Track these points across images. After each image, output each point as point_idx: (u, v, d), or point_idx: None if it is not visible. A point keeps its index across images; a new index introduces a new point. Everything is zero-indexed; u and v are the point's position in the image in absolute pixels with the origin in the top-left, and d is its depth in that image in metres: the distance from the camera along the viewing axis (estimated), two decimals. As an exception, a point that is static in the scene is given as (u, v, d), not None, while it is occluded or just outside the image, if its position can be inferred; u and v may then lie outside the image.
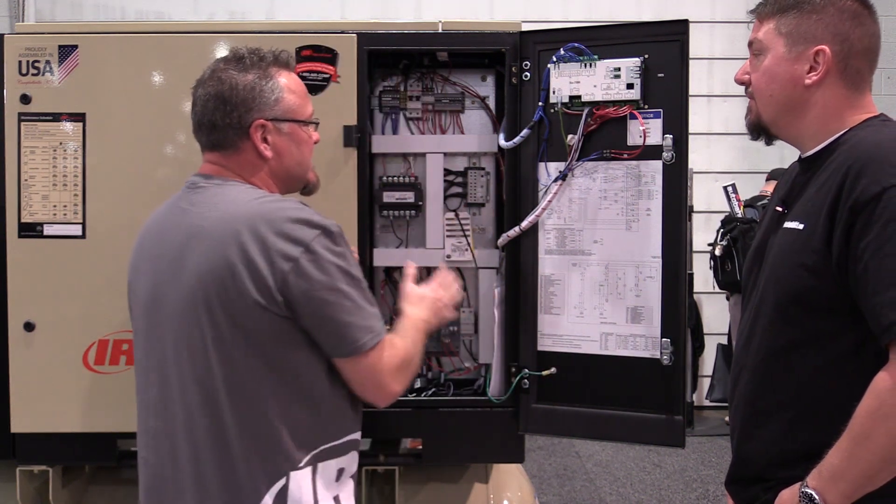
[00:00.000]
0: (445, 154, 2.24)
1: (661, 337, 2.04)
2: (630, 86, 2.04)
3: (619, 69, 2.05)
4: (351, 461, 1.67)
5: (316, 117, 1.77)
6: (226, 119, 1.63)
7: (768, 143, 1.68)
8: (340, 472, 1.64)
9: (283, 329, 1.54)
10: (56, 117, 2.07)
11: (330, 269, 1.55)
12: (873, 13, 1.58)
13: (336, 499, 1.63)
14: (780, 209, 1.64)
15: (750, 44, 1.64)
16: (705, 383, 6.38)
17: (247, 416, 1.54)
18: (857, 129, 1.54)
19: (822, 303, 1.48)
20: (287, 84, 1.69)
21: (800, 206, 1.56)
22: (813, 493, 1.42)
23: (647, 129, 2.03)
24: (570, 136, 2.09)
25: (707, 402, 6.32)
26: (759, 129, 1.65)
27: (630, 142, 2.06)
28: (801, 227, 1.51)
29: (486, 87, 2.27)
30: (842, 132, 1.55)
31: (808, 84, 1.56)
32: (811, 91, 1.56)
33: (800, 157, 1.66)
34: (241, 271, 1.51)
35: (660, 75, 2.03)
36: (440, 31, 2.18)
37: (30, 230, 2.08)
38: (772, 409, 1.57)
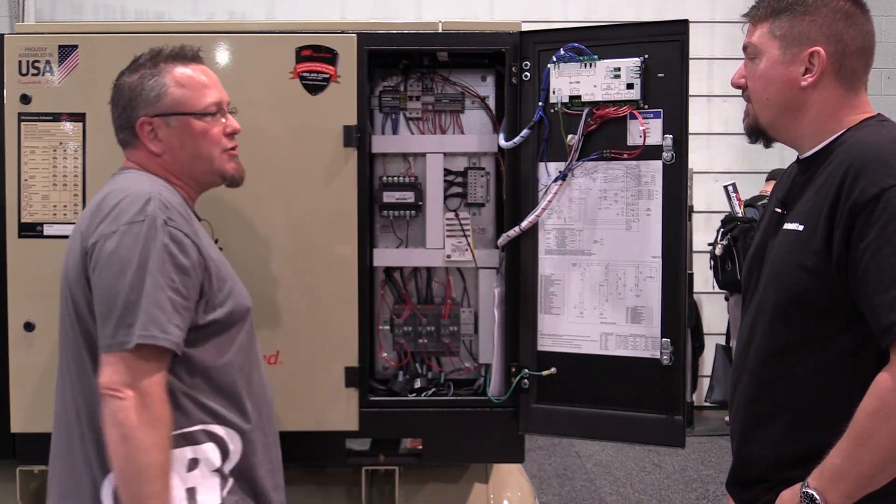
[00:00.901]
0: (445, 154, 2.24)
1: (661, 337, 2.04)
2: (630, 86, 2.04)
3: (619, 69, 2.05)
4: (209, 453, 1.63)
5: (224, 106, 1.75)
6: (118, 122, 1.73)
7: (766, 145, 1.68)
8: (194, 462, 1.61)
9: None
10: (56, 117, 2.07)
11: (122, 255, 1.54)
12: (866, 12, 1.58)
13: (190, 491, 1.60)
14: (779, 210, 1.64)
15: (744, 48, 1.64)
16: (705, 383, 6.37)
17: (89, 398, 1.60)
18: (854, 130, 1.54)
19: (822, 304, 1.48)
20: (176, 77, 1.70)
21: (799, 208, 1.56)
22: (814, 493, 1.42)
23: (647, 129, 2.03)
24: (570, 136, 2.09)
25: (707, 403, 6.32)
26: (757, 132, 1.66)
27: (630, 142, 2.06)
28: (800, 228, 1.51)
29: (486, 87, 2.27)
30: (839, 133, 1.56)
31: (804, 86, 1.56)
32: (807, 93, 1.56)
33: (798, 157, 1.66)
34: (77, 258, 1.61)
35: (660, 75, 2.03)
36: (440, 31, 2.18)
37: (30, 230, 2.08)
38: (772, 411, 1.56)
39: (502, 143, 2.16)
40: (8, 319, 2.07)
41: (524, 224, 2.13)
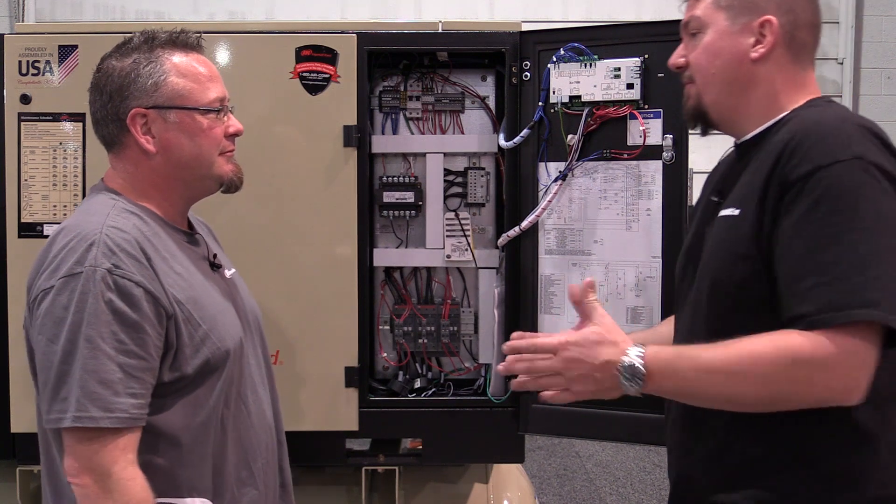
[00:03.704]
0: (445, 154, 2.24)
1: (661, 337, 2.04)
2: (630, 86, 2.04)
3: (619, 69, 2.05)
4: None
5: (226, 103, 1.55)
6: (103, 111, 1.48)
7: (704, 132, 1.55)
8: None
9: None
10: (56, 117, 2.07)
11: (56, 316, 1.36)
12: None
13: None
14: (715, 198, 1.51)
15: (685, 24, 1.51)
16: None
17: (43, 436, 1.47)
18: (798, 110, 1.43)
19: (758, 295, 1.34)
20: (176, 66, 1.48)
21: (736, 192, 1.43)
22: (643, 368, 1.32)
23: (647, 129, 2.03)
24: (570, 136, 2.09)
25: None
26: (699, 115, 1.51)
27: (630, 142, 2.06)
28: (736, 212, 1.39)
29: (486, 87, 2.27)
30: (783, 113, 1.43)
31: (754, 58, 1.43)
32: (757, 66, 1.44)
33: (735, 143, 1.53)
34: (26, 310, 1.45)
35: (660, 75, 2.03)
36: (440, 31, 2.18)
37: (30, 230, 2.08)
38: (708, 419, 1.42)
39: (502, 143, 2.16)
40: (8, 319, 2.07)
41: (524, 224, 2.13)
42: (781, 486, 1.35)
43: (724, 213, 1.42)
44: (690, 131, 1.58)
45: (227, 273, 1.65)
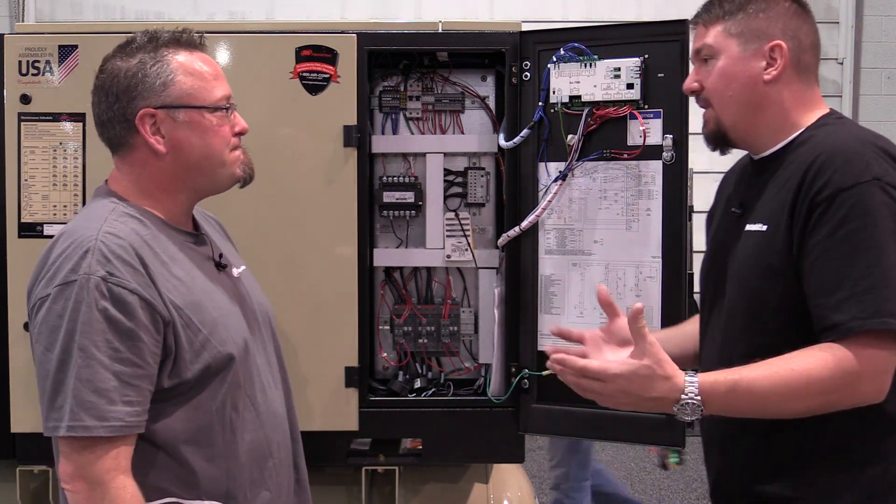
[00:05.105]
0: (445, 154, 2.24)
1: (661, 337, 2.04)
2: (630, 86, 2.04)
3: (619, 69, 2.05)
4: None
5: (232, 101, 1.55)
6: (109, 113, 1.47)
7: (723, 152, 1.67)
8: None
9: None
10: (56, 117, 2.07)
11: (52, 325, 1.36)
12: (810, 11, 1.63)
13: None
14: (737, 210, 1.63)
15: (697, 51, 1.64)
16: (705, 383, 6.36)
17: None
18: (813, 129, 1.55)
19: (793, 305, 1.47)
20: (183, 65, 1.48)
21: (760, 208, 1.55)
22: (701, 404, 1.41)
23: (647, 129, 2.03)
24: (570, 136, 2.09)
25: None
26: (720, 137, 1.63)
27: (630, 142, 2.05)
28: (764, 228, 1.51)
29: (486, 87, 2.27)
30: (799, 131, 1.56)
31: (767, 80, 1.56)
32: (770, 87, 1.56)
33: (752, 157, 1.65)
34: (27, 308, 1.46)
35: (660, 75, 2.03)
36: (440, 31, 2.18)
37: (30, 230, 2.08)
38: (750, 419, 1.52)
39: (502, 143, 2.16)
40: (8, 319, 2.07)
41: (524, 224, 2.13)
42: (820, 476, 1.47)
43: (750, 227, 1.54)
44: (718, 153, 1.69)
45: (236, 271, 1.64)
